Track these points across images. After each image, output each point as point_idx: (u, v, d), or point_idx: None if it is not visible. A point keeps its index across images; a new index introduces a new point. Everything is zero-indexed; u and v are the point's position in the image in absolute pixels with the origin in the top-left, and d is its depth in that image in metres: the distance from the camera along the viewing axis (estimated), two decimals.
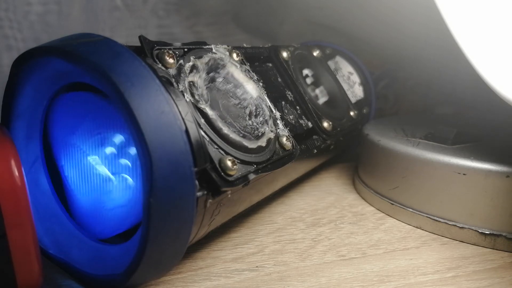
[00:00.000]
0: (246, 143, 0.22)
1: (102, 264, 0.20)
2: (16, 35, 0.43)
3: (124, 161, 0.21)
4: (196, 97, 0.21)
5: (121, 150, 0.21)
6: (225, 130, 0.21)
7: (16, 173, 0.16)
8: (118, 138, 0.21)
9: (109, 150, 0.21)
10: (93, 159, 0.21)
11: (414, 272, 0.23)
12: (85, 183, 0.22)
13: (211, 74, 0.23)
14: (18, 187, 0.16)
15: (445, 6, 0.26)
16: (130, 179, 0.21)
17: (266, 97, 0.27)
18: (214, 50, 0.25)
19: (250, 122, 0.23)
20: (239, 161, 0.21)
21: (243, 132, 0.22)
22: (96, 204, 0.22)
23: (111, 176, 0.21)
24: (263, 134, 0.24)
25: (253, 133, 0.23)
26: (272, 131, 0.25)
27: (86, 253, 0.22)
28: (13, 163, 0.16)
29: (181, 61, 0.22)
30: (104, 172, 0.21)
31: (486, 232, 0.26)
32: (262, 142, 0.23)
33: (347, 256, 0.25)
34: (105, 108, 0.20)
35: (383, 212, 0.31)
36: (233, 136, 0.21)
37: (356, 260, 0.24)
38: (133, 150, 0.20)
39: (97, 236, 0.22)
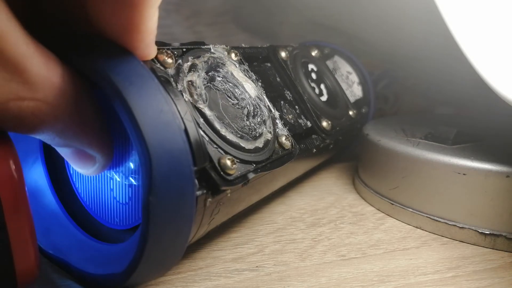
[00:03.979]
0: (243, 144, 0.22)
1: (102, 264, 0.20)
2: None
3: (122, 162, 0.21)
4: (195, 96, 0.21)
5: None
6: (223, 131, 0.21)
7: (14, 166, 0.16)
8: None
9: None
10: None
11: (414, 272, 0.23)
12: (89, 180, 0.22)
13: (210, 74, 0.23)
14: (15, 180, 0.16)
15: (445, 6, 0.27)
16: (132, 179, 0.21)
17: (265, 97, 0.27)
18: (212, 50, 0.25)
19: (247, 122, 0.23)
20: (238, 160, 0.21)
21: (240, 132, 0.22)
22: (100, 200, 0.22)
23: (110, 175, 0.21)
24: (260, 135, 0.24)
25: (251, 133, 0.23)
26: (269, 132, 0.25)
27: (86, 253, 0.22)
28: (11, 161, 0.16)
29: (180, 61, 0.22)
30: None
31: (486, 232, 0.26)
32: (260, 143, 0.23)
33: (347, 256, 0.25)
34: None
35: (383, 212, 0.31)
36: (231, 137, 0.21)
37: (356, 260, 0.24)
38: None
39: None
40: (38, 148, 0.23)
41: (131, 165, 0.20)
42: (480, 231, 0.26)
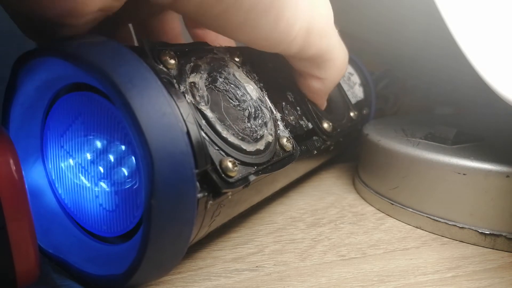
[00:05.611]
0: (244, 146, 0.22)
1: (102, 264, 0.20)
2: None
3: (110, 168, 0.21)
4: (197, 98, 0.21)
5: (101, 156, 0.21)
6: (224, 133, 0.21)
7: (14, 166, 0.16)
8: (104, 143, 0.21)
9: (91, 155, 0.21)
10: (79, 164, 0.21)
11: (414, 272, 0.23)
12: (70, 188, 0.22)
13: (213, 75, 0.23)
14: (15, 180, 0.16)
15: (445, 6, 0.27)
16: (105, 186, 0.20)
17: (266, 98, 0.27)
18: (215, 51, 0.25)
19: (248, 124, 0.23)
20: (239, 162, 0.21)
21: (241, 134, 0.22)
22: (84, 208, 0.22)
23: (87, 183, 0.21)
24: (261, 137, 0.24)
25: (252, 135, 0.23)
26: (271, 134, 0.25)
27: (86, 253, 0.22)
28: (11, 161, 0.16)
29: (182, 61, 0.22)
30: (86, 178, 0.21)
31: (486, 232, 0.26)
32: (261, 145, 0.23)
33: (347, 256, 0.25)
34: (98, 111, 0.20)
35: (383, 212, 0.31)
36: (232, 139, 0.21)
37: (356, 260, 0.24)
38: (112, 157, 0.20)
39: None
40: (38, 148, 0.23)
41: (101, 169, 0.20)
42: (480, 231, 0.26)
